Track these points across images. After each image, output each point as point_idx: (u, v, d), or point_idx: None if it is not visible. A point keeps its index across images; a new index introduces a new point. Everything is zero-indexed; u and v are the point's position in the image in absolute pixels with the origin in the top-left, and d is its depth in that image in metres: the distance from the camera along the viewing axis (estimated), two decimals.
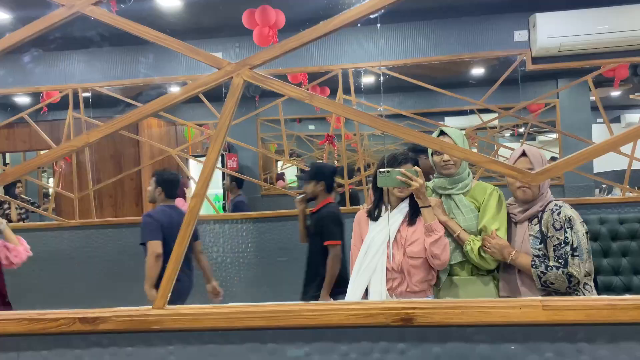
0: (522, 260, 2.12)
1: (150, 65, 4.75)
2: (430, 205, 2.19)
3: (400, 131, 1.11)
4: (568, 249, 2.03)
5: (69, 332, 1.20)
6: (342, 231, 3.11)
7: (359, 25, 1.09)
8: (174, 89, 6.63)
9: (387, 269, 2.17)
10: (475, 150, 6.21)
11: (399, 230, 2.21)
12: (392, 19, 4.30)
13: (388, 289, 2.16)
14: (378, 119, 1.10)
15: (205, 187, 1.17)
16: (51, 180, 8.02)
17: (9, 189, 6.26)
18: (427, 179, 2.38)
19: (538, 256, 2.10)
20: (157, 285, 3.09)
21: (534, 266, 2.07)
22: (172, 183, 3.47)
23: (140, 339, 1.20)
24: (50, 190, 8.06)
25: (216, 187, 7.01)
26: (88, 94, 4.89)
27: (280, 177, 9.73)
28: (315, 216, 3.21)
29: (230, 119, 1.17)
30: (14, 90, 5.22)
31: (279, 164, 9.78)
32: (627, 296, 1.08)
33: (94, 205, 4.74)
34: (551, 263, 2.04)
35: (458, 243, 2.21)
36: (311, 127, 10.55)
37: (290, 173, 10.14)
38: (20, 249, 2.94)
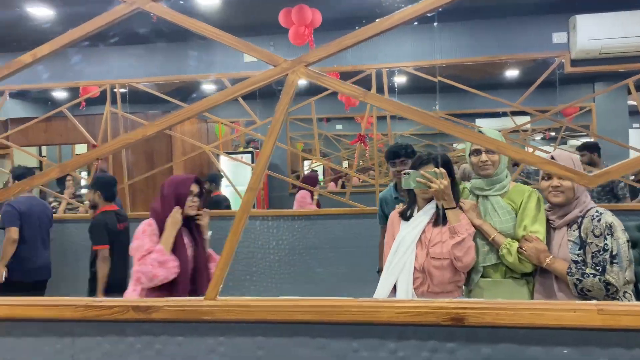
0: (558, 266, 2.08)
1: (186, 63, 4.83)
2: (455, 207, 2.18)
3: (456, 130, 1.11)
4: (607, 256, 1.98)
5: (123, 319, 1.24)
6: (107, 236, 3.43)
7: (415, 23, 1.09)
8: (207, 87, 6.72)
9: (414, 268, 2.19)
10: None
11: (423, 231, 2.23)
12: (429, 19, 4.27)
13: (413, 289, 2.18)
14: (433, 117, 1.10)
15: (259, 180, 1.19)
16: (84, 173, 8.21)
17: (60, 183, 6.44)
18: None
19: (576, 262, 2.06)
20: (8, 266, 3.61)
21: (569, 273, 2.03)
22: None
23: (191, 328, 1.23)
24: (83, 183, 8.26)
25: (245, 184, 7.07)
26: (125, 90, 4.99)
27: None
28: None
29: (285, 115, 1.18)
30: (54, 85, 5.36)
31: (306, 163, 9.81)
32: None
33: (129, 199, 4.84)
34: (588, 270, 2.00)
35: (493, 245, 2.20)
36: (339, 126, 10.55)
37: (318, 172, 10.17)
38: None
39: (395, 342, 1.17)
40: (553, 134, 9.63)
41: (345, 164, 9.44)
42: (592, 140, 4.01)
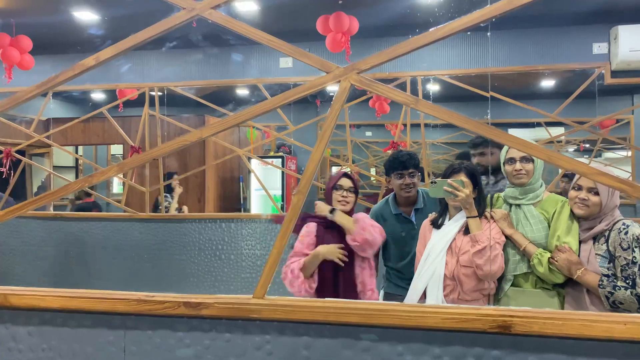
0: (589, 278, 2.05)
1: (224, 67, 4.92)
2: (476, 216, 2.20)
3: (504, 138, 1.12)
4: (636, 269, 1.96)
5: (173, 314, 1.28)
6: None
7: (469, 33, 1.11)
8: (241, 92, 6.83)
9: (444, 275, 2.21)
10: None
11: (454, 239, 2.24)
12: (488, 31, 4.27)
13: (443, 295, 2.19)
14: (484, 125, 1.11)
15: (309, 184, 1.22)
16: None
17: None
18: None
19: (607, 276, 2.04)
20: None
21: (601, 286, 2.00)
22: None
23: (238, 326, 1.26)
24: (116, 181, 8.47)
25: (275, 188, 7.15)
26: (162, 93, 5.11)
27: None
28: None
29: (335, 121, 1.21)
30: (94, 87, 5.52)
31: (334, 169, 9.84)
32: None
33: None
34: (619, 283, 1.98)
35: (524, 255, 2.19)
36: (368, 133, 10.57)
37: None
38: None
39: (440, 348, 1.18)
40: (587, 145, 9.43)
41: (373, 170, 9.43)
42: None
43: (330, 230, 2.36)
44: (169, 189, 6.26)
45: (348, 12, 3.93)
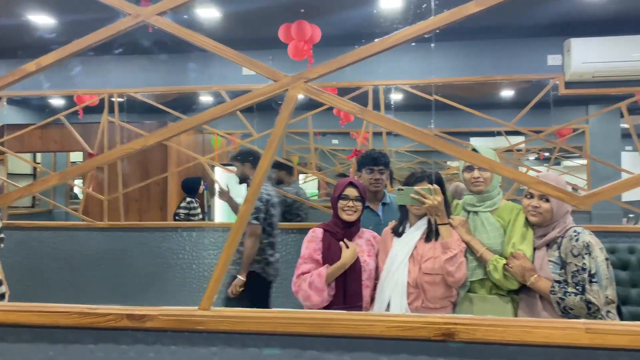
0: (542, 284, 2.11)
1: (185, 74, 4.86)
2: (447, 223, 2.22)
3: (449, 148, 1.14)
4: (586, 275, 2.01)
5: (116, 327, 1.24)
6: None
7: (413, 44, 1.12)
8: (205, 99, 6.76)
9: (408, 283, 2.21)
10: None
11: (415, 247, 2.25)
12: (426, 39, 4.34)
13: (407, 304, 2.20)
14: (428, 134, 1.12)
15: (257, 193, 1.21)
16: (77, 181, 8.18)
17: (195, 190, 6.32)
18: None
19: (559, 282, 2.09)
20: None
21: (552, 292, 2.06)
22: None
23: (184, 338, 1.24)
24: (76, 190, 8.23)
25: (239, 197, 7.08)
26: (123, 100, 5.02)
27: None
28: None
29: (284, 129, 1.21)
30: (52, 93, 5.38)
31: (301, 176, 9.84)
32: None
33: (122, 208, 4.84)
34: (570, 289, 2.03)
35: (480, 261, 2.23)
36: (335, 141, 10.62)
37: (312, 187, 10.21)
38: None
39: (387, 356, 1.18)
40: (547, 154, 9.72)
41: (356, 175, 9.46)
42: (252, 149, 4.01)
43: (337, 238, 2.33)
44: (190, 191, 6.10)
45: (311, 21, 3.95)
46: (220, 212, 7.07)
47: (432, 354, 1.16)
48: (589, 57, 3.83)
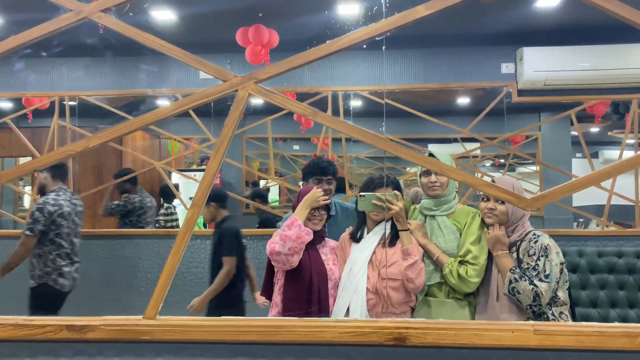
0: (505, 261, 2.16)
1: (140, 77, 4.74)
2: (408, 229, 2.22)
3: (400, 151, 1.13)
4: (534, 273, 2.07)
5: (56, 339, 1.17)
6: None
7: (364, 46, 1.11)
8: (162, 102, 6.62)
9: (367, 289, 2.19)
10: None
11: (374, 252, 2.24)
12: (382, 45, 4.38)
13: (367, 310, 2.18)
14: (380, 138, 1.12)
15: (204, 197, 1.17)
16: (28, 188, 7.86)
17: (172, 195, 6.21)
18: None
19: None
20: None
21: (512, 270, 2.11)
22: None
23: (128, 349, 1.18)
24: (26, 197, 7.90)
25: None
26: (75, 103, 4.85)
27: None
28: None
29: (233, 131, 1.17)
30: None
31: (262, 182, 9.76)
32: (617, 324, 1.10)
33: None
34: (526, 277, 2.09)
35: (437, 265, 2.25)
36: (296, 147, 10.60)
37: (273, 192, 10.14)
38: None
39: None
40: (502, 160, 9.99)
41: (301, 184, 9.43)
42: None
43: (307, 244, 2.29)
44: (167, 197, 5.98)
45: (269, 25, 3.92)
46: (181, 219, 6.92)
47: (384, 359, 1.15)
48: (540, 65, 3.95)
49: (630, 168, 1.02)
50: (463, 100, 6.16)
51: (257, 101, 6.18)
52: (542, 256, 2.09)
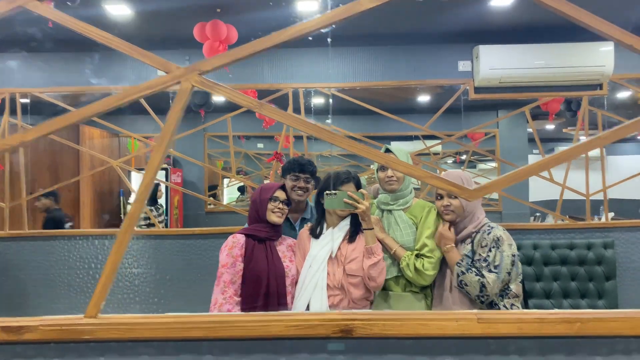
0: (452, 255, 2.21)
1: (98, 73, 4.62)
2: (372, 228, 2.23)
3: (346, 143, 1.13)
4: (485, 264, 2.13)
5: None
6: None
7: (310, 38, 1.11)
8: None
9: (328, 285, 2.19)
10: None
11: (339, 248, 2.25)
12: (342, 42, 4.40)
13: (330, 306, 2.18)
14: (326, 130, 1.11)
15: (146, 192, 1.14)
16: None
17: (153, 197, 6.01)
18: None
19: (468, 256, 2.20)
20: None
21: (458, 264, 2.16)
22: None
23: (70, 349, 1.14)
24: None
25: (161, 201, 6.85)
26: (27, 100, 4.68)
27: None
28: None
29: (176, 125, 1.15)
30: None
31: (226, 181, 9.67)
32: (556, 310, 1.13)
33: (27, 216, 4.50)
34: (474, 269, 2.14)
35: (394, 259, 2.28)
36: (260, 145, 10.55)
37: (233, 191, 10.08)
38: None
39: (287, 356, 1.15)
40: (464, 157, 10.19)
41: (267, 182, 9.38)
42: None
43: (259, 245, 2.28)
44: (153, 201, 5.84)
45: (227, 21, 3.87)
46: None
47: (332, 351, 1.15)
48: (495, 63, 4.03)
49: (564, 160, 1.05)
50: (423, 98, 6.24)
51: (219, 98, 6.11)
52: (493, 247, 2.14)
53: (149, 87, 1.15)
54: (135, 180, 6.67)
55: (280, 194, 2.33)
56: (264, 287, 2.21)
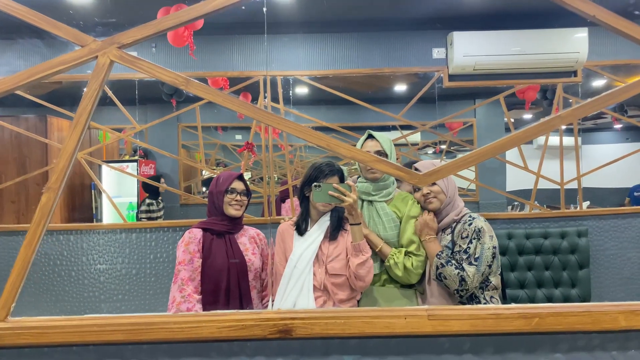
0: (432, 246, 2.12)
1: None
2: (360, 223, 2.08)
3: (285, 125, 1.02)
4: (465, 256, 2.05)
5: None
6: None
7: (243, 7, 0.99)
8: None
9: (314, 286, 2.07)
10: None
11: (320, 247, 2.11)
12: (315, 29, 4.27)
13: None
14: (262, 111, 1.00)
15: (60, 180, 1.02)
16: None
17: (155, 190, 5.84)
18: None
19: (448, 247, 2.12)
20: None
21: (438, 256, 2.08)
22: None
23: None
24: None
25: (130, 195, 6.67)
26: None
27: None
28: None
29: (94, 103, 1.03)
30: None
31: (205, 173, 9.50)
32: (512, 305, 1.04)
33: None
34: (453, 261, 2.06)
35: (377, 254, 2.16)
36: (238, 136, 10.36)
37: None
38: None
39: None
40: (444, 147, 10.15)
41: (247, 175, 9.24)
42: None
43: (218, 239, 2.16)
44: (155, 195, 5.66)
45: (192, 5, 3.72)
46: (108, 213, 6.60)
47: (271, 354, 1.04)
48: (470, 50, 3.94)
49: (522, 141, 0.96)
50: (400, 87, 6.14)
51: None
52: (474, 239, 2.06)
53: (62, 63, 1.02)
54: (107, 174, 6.48)
55: (238, 185, 2.20)
56: (225, 283, 2.10)
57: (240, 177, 2.24)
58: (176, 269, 2.11)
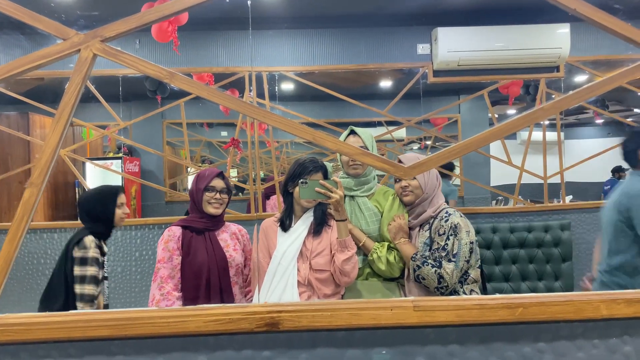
0: (406, 248, 2.14)
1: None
2: (346, 219, 2.10)
3: (269, 118, 1.02)
4: (444, 254, 2.06)
5: None
6: None
7: (227, 0, 0.99)
8: None
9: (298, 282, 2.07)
10: None
11: (304, 243, 2.11)
12: (301, 25, 4.26)
13: None
14: (258, 108, 1.00)
15: (43, 175, 1.01)
16: None
17: None
18: None
19: (426, 244, 2.13)
20: None
21: (413, 258, 2.09)
22: None
23: None
24: None
25: None
26: None
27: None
28: None
29: (76, 98, 1.02)
30: None
31: (190, 170, 9.44)
32: (497, 295, 1.05)
33: None
34: (429, 261, 2.07)
35: (360, 249, 2.17)
36: (224, 133, 10.32)
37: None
38: None
39: (207, 355, 1.04)
40: (429, 143, 10.21)
41: (234, 172, 9.20)
42: None
43: (198, 236, 2.14)
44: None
45: None
46: None
47: (258, 347, 1.05)
48: (454, 45, 3.97)
49: (504, 133, 0.97)
50: (385, 83, 6.16)
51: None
52: (451, 235, 2.07)
53: (44, 57, 1.01)
54: (91, 171, 6.41)
55: (218, 183, 2.18)
56: (205, 280, 2.10)
57: (221, 175, 2.21)
58: (156, 267, 2.10)
